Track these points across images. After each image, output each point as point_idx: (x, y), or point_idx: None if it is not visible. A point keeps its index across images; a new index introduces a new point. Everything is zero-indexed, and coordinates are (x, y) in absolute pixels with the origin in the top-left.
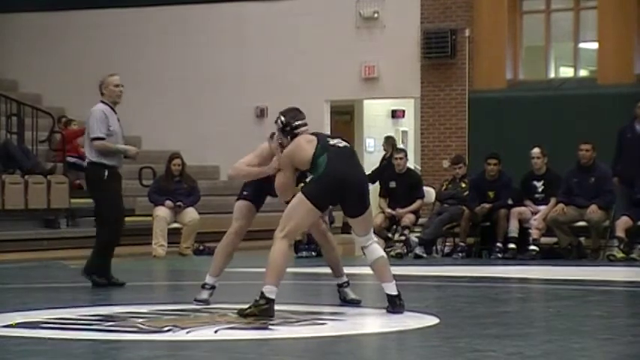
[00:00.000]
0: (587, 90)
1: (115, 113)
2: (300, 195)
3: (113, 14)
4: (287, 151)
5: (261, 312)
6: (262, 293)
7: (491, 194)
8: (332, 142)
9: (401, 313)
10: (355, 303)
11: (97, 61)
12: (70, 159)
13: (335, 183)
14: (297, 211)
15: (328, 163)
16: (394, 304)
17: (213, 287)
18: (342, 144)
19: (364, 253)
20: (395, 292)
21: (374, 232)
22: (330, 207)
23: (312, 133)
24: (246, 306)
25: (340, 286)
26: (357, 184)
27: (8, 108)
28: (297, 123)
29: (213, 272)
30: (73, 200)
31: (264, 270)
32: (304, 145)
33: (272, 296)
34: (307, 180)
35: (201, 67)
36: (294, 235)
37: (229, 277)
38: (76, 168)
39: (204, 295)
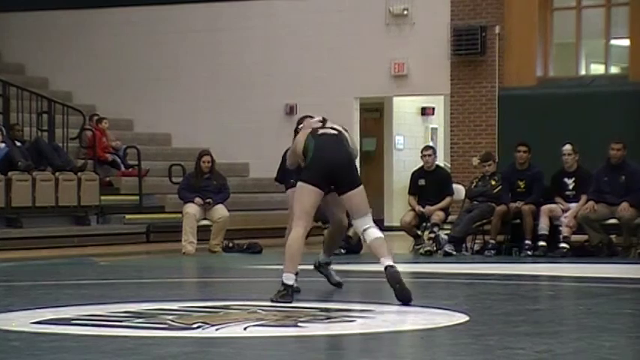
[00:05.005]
0: (618, 87)
1: None
2: (298, 183)
3: (143, 12)
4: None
5: (281, 297)
6: (282, 281)
7: (521, 184)
8: (321, 131)
9: (405, 296)
10: (337, 286)
11: (127, 58)
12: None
13: (322, 163)
14: (297, 196)
15: (315, 148)
16: (392, 277)
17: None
18: (331, 132)
19: (364, 239)
20: (390, 262)
21: (404, 230)
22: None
23: (312, 129)
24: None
25: (327, 264)
26: (340, 161)
27: (39, 105)
28: (299, 126)
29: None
30: (103, 197)
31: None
32: (300, 138)
33: (289, 282)
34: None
35: (230, 65)
36: (305, 218)
37: (261, 274)
38: (107, 165)
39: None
